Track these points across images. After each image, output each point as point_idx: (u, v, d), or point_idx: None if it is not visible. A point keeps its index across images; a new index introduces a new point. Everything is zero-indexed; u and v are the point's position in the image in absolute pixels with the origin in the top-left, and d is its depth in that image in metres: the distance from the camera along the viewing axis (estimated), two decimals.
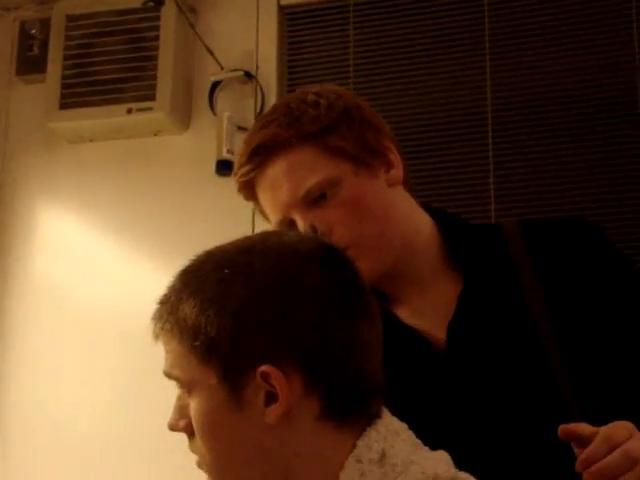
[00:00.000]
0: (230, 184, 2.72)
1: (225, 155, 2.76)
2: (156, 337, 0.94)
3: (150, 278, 2.76)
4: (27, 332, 2.89)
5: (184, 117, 2.90)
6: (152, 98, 2.81)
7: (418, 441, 0.94)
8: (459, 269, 1.26)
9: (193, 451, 0.93)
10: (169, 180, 2.88)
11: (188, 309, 0.90)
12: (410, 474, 0.86)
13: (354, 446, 0.89)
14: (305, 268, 0.91)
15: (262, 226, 2.80)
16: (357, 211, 1.21)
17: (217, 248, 0.96)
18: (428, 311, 1.26)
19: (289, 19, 2.97)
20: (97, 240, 2.90)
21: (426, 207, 1.32)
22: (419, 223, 1.29)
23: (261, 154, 1.23)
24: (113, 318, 2.80)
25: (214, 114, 2.86)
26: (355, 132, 1.23)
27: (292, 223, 1.24)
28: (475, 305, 1.24)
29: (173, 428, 0.94)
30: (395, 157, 1.28)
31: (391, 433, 0.91)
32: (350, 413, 0.90)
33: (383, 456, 0.88)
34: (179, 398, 0.94)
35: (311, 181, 1.21)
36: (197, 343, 0.89)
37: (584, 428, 1.03)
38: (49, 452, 2.76)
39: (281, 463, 0.89)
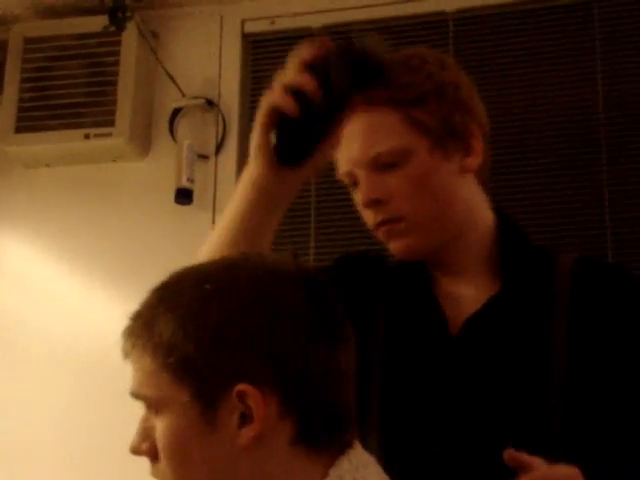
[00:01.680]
0: (189, 213, 2.75)
1: (184, 183, 2.72)
2: (126, 355, 0.91)
3: (105, 307, 2.72)
4: None
5: (144, 144, 2.85)
6: (111, 124, 2.76)
7: (386, 476, 0.92)
8: (500, 275, 1.26)
9: (155, 476, 0.90)
10: (127, 208, 2.83)
11: (164, 324, 0.87)
12: None
13: (326, 475, 0.87)
14: (288, 290, 0.89)
15: None
16: (420, 188, 1.21)
17: (194, 266, 0.95)
18: (454, 297, 1.26)
19: (253, 47, 2.94)
20: (51, 268, 2.84)
21: (495, 206, 1.31)
22: (478, 218, 1.28)
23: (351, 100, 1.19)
24: (66, 347, 2.74)
25: (174, 141, 2.82)
26: (444, 110, 1.22)
27: (355, 180, 1.24)
28: (501, 313, 1.23)
29: (136, 451, 0.91)
30: (477, 144, 1.26)
31: (362, 465, 0.89)
32: (323, 440, 0.88)
33: None
34: (143, 420, 0.91)
35: (385, 146, 1.20)
36: (171, 359, 0.86)
37: (532, 460, 1.02)
38: None
39: None
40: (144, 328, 0.89)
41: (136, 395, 0.90)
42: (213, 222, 2.73)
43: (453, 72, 1.27)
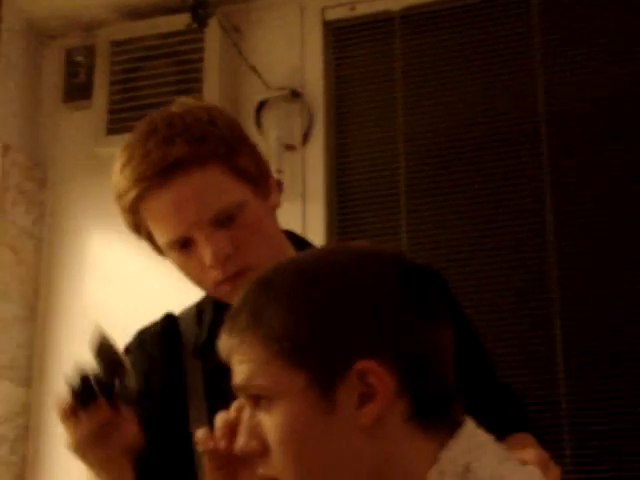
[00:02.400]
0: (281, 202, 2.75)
1: (274, 175, 2.73)
2: (228, 351, 0.91)
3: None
4: (70, 365, 2.89)
5: None
6: None
7: (505, 454, 0.90)
8: None
9: (265, 472, 0.90)
10: None
11: (273, 313, 0.87)
12: None
13: (437, 458, 0.86)
14: (388, 270, 0.90)
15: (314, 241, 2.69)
16: (259, 234, 1.24)
17: (292, 258, 0.97)
18: None
19: (334, 34, 2.94)
20: (146, 265, 2.88)
21: (288, 233, 1.37)
22: (287, 249, 1.32)
23: (170, 170, 1.20)
24: None
25: (261, 133, 2.84)
26: (253, 155, 1.27)
27: (187, 242, 1.23)
28: None
29: (245, 451, 0.90)
30: (273, 182, 1.32)
31: (475, 445, 0.88)
32: (435, 418, 0.88)
33: (467, 470, 0.85)
34: (249, 418, 0.91)
35: (221, 203, 1.21)
36: (285, 346, 0.86)
37: None
38: None
39: (369, 469, 0.86)
40: (251, 320, 0.89)
41: (245, 388, 0.90)
42: (303, 211, 2.74)
43: (235, 119, 1.31)
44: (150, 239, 1.29)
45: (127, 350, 1.39)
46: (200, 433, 1.02)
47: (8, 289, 2.87)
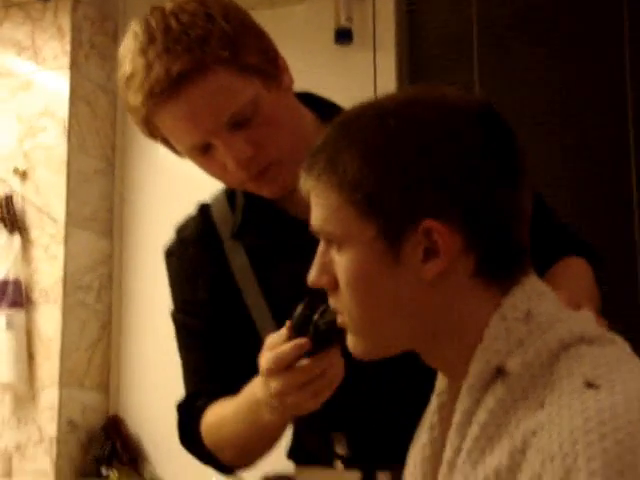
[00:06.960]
0: (350, 53, 2.74)
1: (343, 23, 2.71)
2: (307, 191, 0.92)
3: None
4: (149, 216, 2.98)
5: None
6: None
7: (561, 306, 0.91)
8: None
9: (334, 306, 0.94)
10: (288, 52, 2.74)
11: (349, 160, 0.87)
12: (556, 332, 0.85)
13: (499, 304, 0.87)
14: (472, 128, 0.88)
15: (384, 91, 2.73)
16: (277, 126, 1.20)
17: (374, 101, 0.93)
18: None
19: None
20: None
21: (304, 97, 1.31)
22: (307, 121, 1.28)
23: (176, 83, 1.15)
24: None
25: None
26: (256, 44, 1.21)
27: (207, 147, 1.20)
28: None
29: (315, 283, 0.93)
30: (282, 60, 1.25)
31: (537, 293, 0.89)
32: (501, 271, 0.89)
33: (528, 315, 0.87)
34: (321, 254, 0.92)
35: (234, 105, 1.17)
36: (358, 196, 0.86)
37: None
38: None
39: (430, 318, 0.89)
40: (328, 163, 0.89)
41: (318, 230, 0.91)
42: (374, 60, 2.71)
43: (231, 4, 1.22)
44: (167, 144, 1.27)
45: (169, 253, 1.38)
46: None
47: (86, 143, 2.93)
